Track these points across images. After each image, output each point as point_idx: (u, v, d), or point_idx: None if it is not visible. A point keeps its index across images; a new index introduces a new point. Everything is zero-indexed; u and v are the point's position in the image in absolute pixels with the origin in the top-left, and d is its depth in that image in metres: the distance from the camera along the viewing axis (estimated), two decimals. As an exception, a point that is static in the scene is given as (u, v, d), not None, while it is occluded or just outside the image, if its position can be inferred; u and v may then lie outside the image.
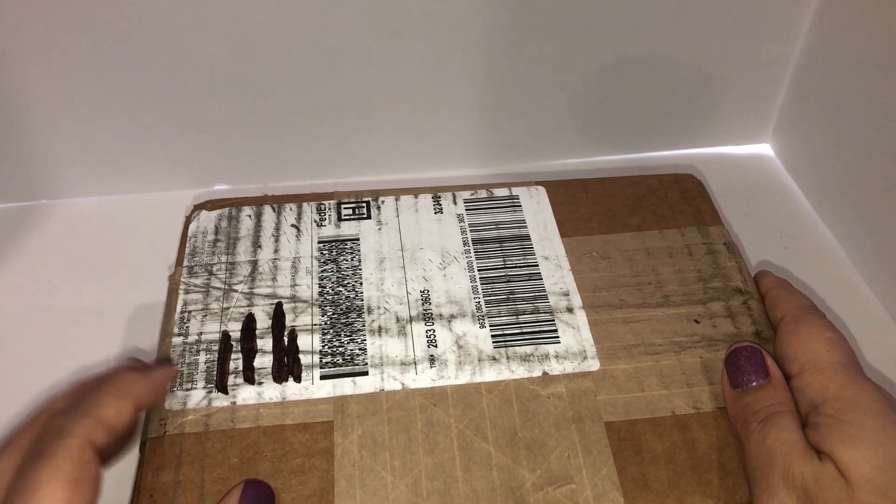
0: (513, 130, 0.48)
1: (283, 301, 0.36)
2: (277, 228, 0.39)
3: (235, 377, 0.33)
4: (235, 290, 0.36)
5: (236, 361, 0.33)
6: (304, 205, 0.40)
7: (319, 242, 0.38)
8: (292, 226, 0.39)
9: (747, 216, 0.46)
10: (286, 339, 0.34)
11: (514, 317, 0.35)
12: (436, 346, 0.34)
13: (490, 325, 0.35)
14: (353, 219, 0.40)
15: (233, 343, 0.34)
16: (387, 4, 0.40)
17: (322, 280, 0.37)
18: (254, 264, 0.37)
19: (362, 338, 0.34)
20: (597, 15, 0.42)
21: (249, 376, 0.33)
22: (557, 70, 0.45)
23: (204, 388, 0.32)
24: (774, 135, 0.51)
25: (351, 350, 0.34)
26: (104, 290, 0.42)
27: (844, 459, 0.26)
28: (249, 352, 0.34)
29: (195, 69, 0.42)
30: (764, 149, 0.51)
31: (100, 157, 0.46)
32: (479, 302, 0.36)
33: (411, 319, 0.35)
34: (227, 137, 0.46)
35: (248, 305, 0.35)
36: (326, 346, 0.34)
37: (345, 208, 0.40)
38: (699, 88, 0.47)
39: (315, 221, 0.39)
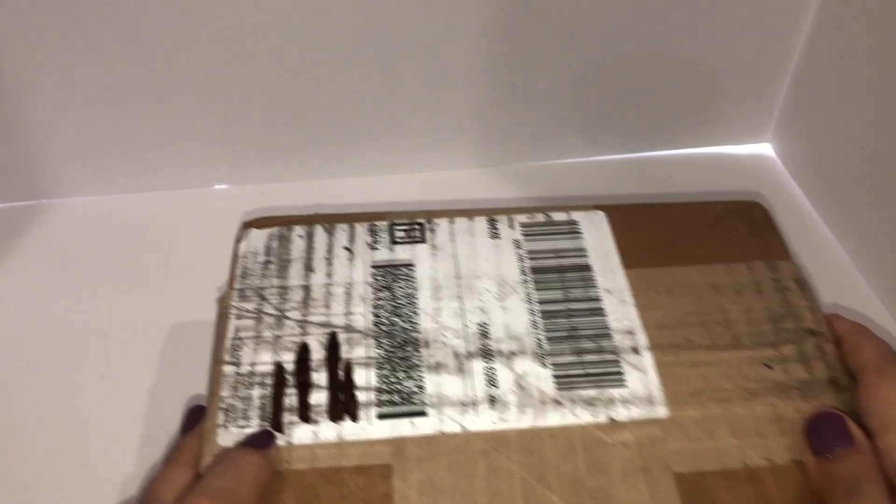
0: (513, 130, 0.48)
1: (337, 331, 0.35)
2: (330, 251, 0.38)
3: (290, 414, 0.32)
4: (288, 317, 0.35)
5: (291, 397, 0.32)
6: (357, 226, 0.39)
7: (373, 267, 0.37)
8: (345, 248, 0.38)
9: None
10: (341, 373, 0.33)
11: (577, 356, 0.34)
12: (496, 386, 0.33)
13: (552, 365, 0.33)
14: (407, 242, 0.38)
15: (287, 377, 0.33)
16: (387, 4, 0.40)
17: (377, 309, 0.35)
18: (306, 289, 0.36)
19: (420, 374, 0.33)
20: (597, 14, 0.42)
21: (305, 414, 0.32)
22: (557, 69, 0.44)
23: (259, 425, 0.31)
24: (775, 134, 0.50)
25: (408, 388, 0.33)
26: (103, 291, 0.42)
27: None
28: (304, 387, 0.33)
29: (195, 69, 0.41)
30: (764, 148, 0.51)
31: (99, 157, 0.46)
32: (539, 338, 0.34)
33: (470, 355, 0.34)
34: (226, 137, 0.45)
35: (301, 334, 0.34)
36: (383, 383, 0.33)
37: (398, 231, 0.39)
38: (699, 88, 0.47)
39: (368, 244, 0.38)
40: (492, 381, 0.33)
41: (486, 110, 0.46)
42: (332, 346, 0.34)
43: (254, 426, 0.31)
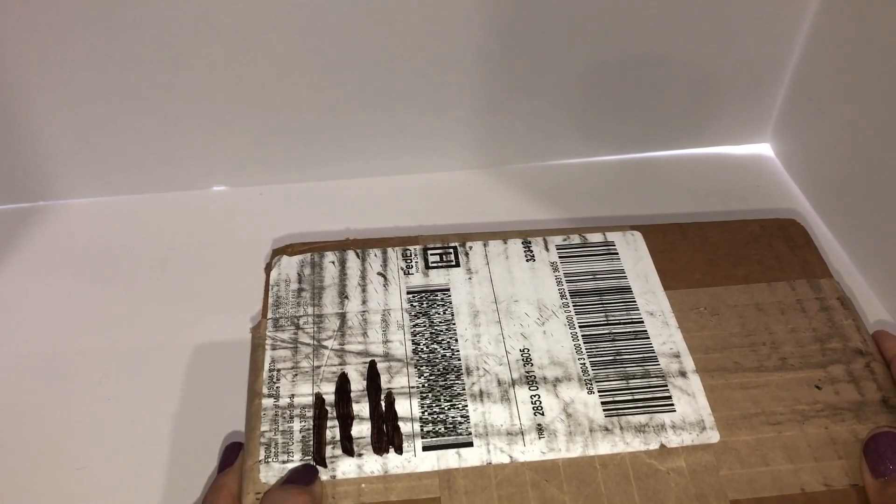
0: (512, 130, 0.48)
1: (376, 359, 0.34)
2: (363, 277, 0.37)
3: (333, 448, 0.31)
4: (326, 347, 0.34)
5: (332, 430, 0.31)
6: (389, 251, 0.38)
7: (409, 293, 0.36)
8: (379, 274, 0.37)
9: (747, 216, 0.44)
10: (383, 403, 0.32)
11: (624, 381, 0.33)
12: (543, 415, 0.32)
13: (599, 391, 0.33)
14: (442, 266, 0.38)
15: (328, 408, 0.32)
16: (386, 5, 0.40)
17: (415, 336, 0.35)
18: (342, 317, 0.35)
19: (463, 403, 0.32)
20: (597, 15, 0.42)
21: (348, 447, 0.31)
22: (557, 70, 0.44)
23: (301, 460, 0.31)
24: (774, 134, 0.51)
25: (453, 417, 0.32)
26: (102, 292, 0.42)
27: None
28: (346, 418, 0.32)
29: (194, 70, 0.42)
30: (763, 148, 0.51)
31: (98, 159, 0.46)
32: (584, 364, 0.34)
33: (513, 383, 0.33)
34: (225, 139, 0.46)
35: (339, 364, 0.34)
36: (426, 413, 0.32)
37: (431, 254, 0.38)
38: (699, 88, 0.47)
39: (402, 269, 0.37)
40: (538, 409, 0.32)
41: (485, 111, 0.46)
42: (373, 375, 0.33)
43: (296, 461, 0.30)
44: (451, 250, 0.38)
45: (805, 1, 0.43)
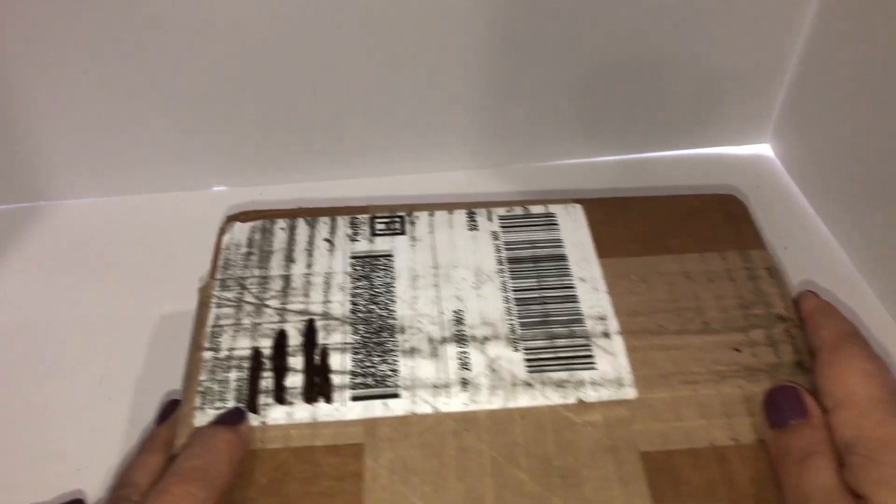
0: (512, 130, 0.48)
1: (314, 318, 0.35)
2: (311, 242, 0.39)
3: (266, 396, 0.32)
4: (268, 306, 0.36)
5: (267, 380, 0.33)
6: (338, 219, 0.40)
7: (352, 258, 0.38)
8: (325, 240, 0.39)
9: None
10: (317, 357, 0.34)
11: (549, 340, 0.34)
12: (469, 370, 0.33)
13: (524, 349, 0.34)
14: (387, 234, 0.39)
15: (264, 361, 0.34)
16: (385, 5, 0.40)
17: (354, 297, 0.36)
18: (286, 279, 0.37)
19: (394, 358, 0.34)
20: (596, 15, 0.42)
21: (280, 396, 0.32)
22: (556, 70, 0.45)
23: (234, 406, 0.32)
24: (774, 135, 0.50)
25: (382, 371, 0.33)
26: (102, 293, 0.42)
27: (882, 503, 0.25)
28: (281, 370, 0.33)
29: (193, 70, 0.42)
30: (763, 149, 0.51)
31: (98, 159, 0.46)
32: (513, 324, 0.35)
33: (444, 340, 0.34)
34: (225, 138, 0.46)
35: (279, 321, 0.35)
36: (358, 367, 0.33)
37: (378, 223, 0.40)
38: (699, 88, 0.47)
39: (348, 236, 0.39)
40: (464, 365, 0.33)
41: (485, 111, 0.46)
42: (310, 332, 0.35)
43: (230, 407, 0.32)
44: (399, 219, 0.40)
45: (805, 1, 0.43)
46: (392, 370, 0.33)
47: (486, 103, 0.46)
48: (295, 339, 0.35)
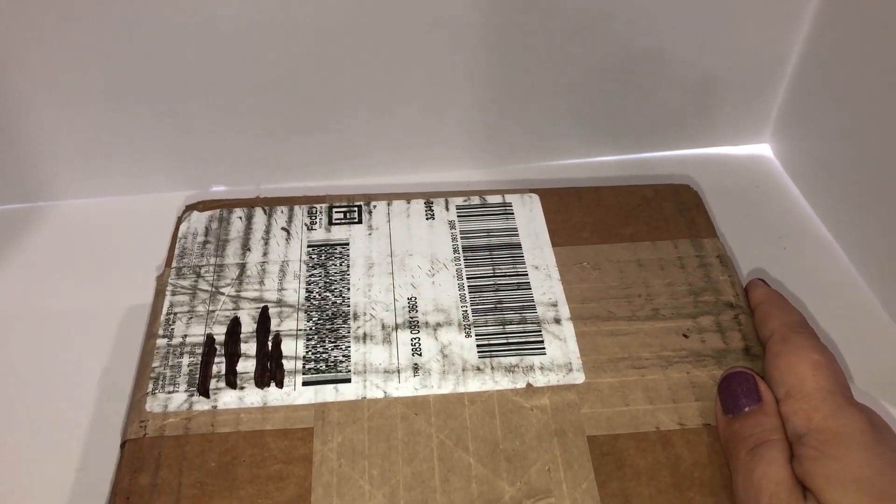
0: (510, 131, 0.48)
1: (269, 305, 0.36)
2: (267, 231, 0.39)
3: (218, 381, 0.33)
4: (222, 293, 0.36)
5: (219, 365, 0.33)
6: (296, 208, 0.40)
7: (309, 246, 0.38)
8: (282, 229, 0.39)
9: (746, 217, 0.46)
10: (270, 343, 0.34)
11: (501, 326, 0.35)
12: (420, 355, 0.34)
13: (476, 335, 0.34)
14: (344, 223, 0.39)
15: (217, 347, 0.34)
16: (384, 5, 0.40)
17: (309, 285, 0.36)
18: (242, 267, 0.37)
19: (347, 344, 0.34)
20: (596, 15, 0.42)
21: (232, 380, 0.33)
22: (554, 70, 0.45)
23: (186, 391, 0.32)
24: (773, 135, 0.51)
25: (335, 357, 0.34)
26: (99, 293, 0.42)
27: (829, 499, 0.25)
28: (233, 356, 0.34)
29: (191, 71, 0.42)
30: (763, 149, 0.51)
31: (95, 159, 0.46)
32: (465, 311, 0.35)
33: (397, 327, 0.35)
34: (222, 139, 0.46)
35: (234, 309, 0.35)
36: (310, 353, 0.34)
37: (336, 212, 0.40)
38: (698, 88, 0.47)
39: (306, 225, 0.39)
40: (416, 351, 0.34)
41: (486, 111, 0.46)
42: (263, 319, 0.35)
43: (181, 391, 0.32)
44: (356, 209, 0.40)
45: (805, 1, 0.43)
46: (344, 356, 0.34)
47: (483, 105, 0.46)
48: (248, 325, 0.35)
